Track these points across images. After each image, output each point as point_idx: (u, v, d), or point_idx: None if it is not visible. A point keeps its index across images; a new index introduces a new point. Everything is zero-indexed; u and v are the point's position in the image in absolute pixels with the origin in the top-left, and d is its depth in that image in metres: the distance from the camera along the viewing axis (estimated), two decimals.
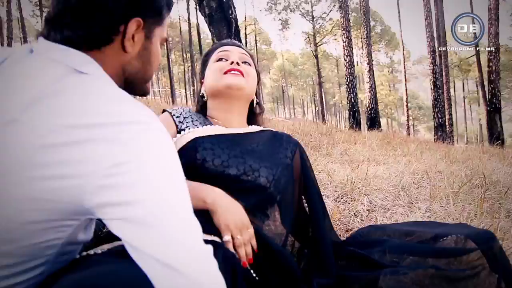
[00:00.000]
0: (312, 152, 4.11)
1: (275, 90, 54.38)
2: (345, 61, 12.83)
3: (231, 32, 5.49)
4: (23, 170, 0.59)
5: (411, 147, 5.43)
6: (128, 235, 0.60)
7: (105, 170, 0.59)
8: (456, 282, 1.07)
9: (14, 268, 0.65)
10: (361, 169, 2.96)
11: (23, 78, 0.67)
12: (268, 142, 1.27)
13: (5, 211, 0.60)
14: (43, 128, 0.60)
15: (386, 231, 1.32)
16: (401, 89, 36.07)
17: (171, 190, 0.64)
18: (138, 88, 0.85)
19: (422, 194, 2.45)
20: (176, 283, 0.58)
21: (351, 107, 12.53)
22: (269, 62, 49.89)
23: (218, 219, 0.97)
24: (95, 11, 0.72)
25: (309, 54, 37.44)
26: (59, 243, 0.68)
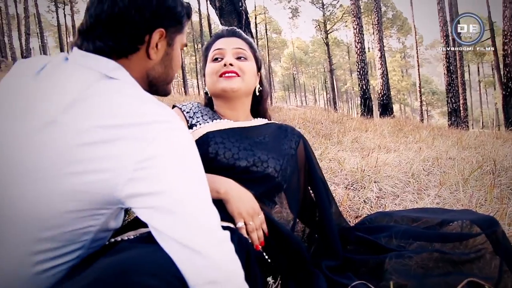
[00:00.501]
0: (323, 141, 4.14)
1: (286, 78, 54.08)
2: (356, 48, 12.72)
3: (241, 23, 5.52)
4: (63, 166, 0.67)
5: (423, 133, 5.41)
6: (155, 221, 0.68)
7: (134, 165, 0.67)
8: (460, 264, 1.12)
9: (55, 251, 0.73)
10: (372, 157, 2.99)
11: (60, 83, 0.75)
12: (274, 135, 1.32)
13: (48, 202, 0.68)
14: (79, 128, 0.68)
15: (393, 217, 1.37)
16: (414, 74, 35.58)
17: (192, 181, 0.72)
18: (160, 89, 0.94)
19: (432, 181, 2.48)
20: (198, 264, 0.66)
21: (363, 94, 12.45)
22: (280, 51, 49.56)
23: (232, 207, 1.04)
24: (123, 25, 0.81)
25: (320, 41, 37.09)
26: (93, 230, 0.76)
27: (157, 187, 0.68)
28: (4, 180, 0.69)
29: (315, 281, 1.06)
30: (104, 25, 0.81)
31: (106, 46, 0.81)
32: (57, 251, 0.74)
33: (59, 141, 0.68)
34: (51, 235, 0.71)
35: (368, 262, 1.16)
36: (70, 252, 0.76)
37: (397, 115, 43.42)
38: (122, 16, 0.81)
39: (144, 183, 0.69)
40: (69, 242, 0.74)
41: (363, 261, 1.16)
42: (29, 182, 0.68)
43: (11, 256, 0.70)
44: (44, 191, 0.68)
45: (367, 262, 1.16)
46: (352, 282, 1.04)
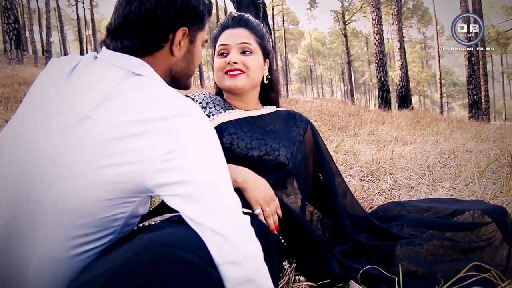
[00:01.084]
0: (339, 133, 4.17)
1: (303, 70, 53.70)
2: (375, 39, 12.55)
3: (259, 16, 5.54)
4: (96, 159, 0.74)
5: (441, 126, 5.37)
6: (183, 208, 0.75)
7: (161, 156, 0.73)
8: (470, 252, 1.17)
9: (90, 236, 0.80)
10: (387, 149, 3.01)
11: (92, 81, 0.81)
12: (283, 122, 1.37)
13: (84, 193, 0.75)
14: (110, 124, 0.74)
15: (405, 207, 1.42)
16: (434, 65, 34.78)
17: (215, 170, 0.78)
18: (182, 83, 1.00)
19: (448, 173, 2.50)
20: (221, 245, 0.72)
21: (381, 86, 12.31)
22: (297, 42, 49.17)
23: (249, 195, 1.11)
24: (149, 24, 0.86)
25: (338, 32, 36.60)
26: (124, 216, 0.83)
27: (183, 177, 0.74)
28: (44, 172, 0.76)
29: (328, 265, 1.12)
30: (132, 25, 0.86)
31: (133, 45, 0.87)
32: (92, 236, 0.80)
33: (93, 136, 0.74)
34: (86, 222, 0.78)
35: (381, 248, 1.21)
36: (103, 236, 0.82)
37: (417, 107, 42.62)
38: (149, 16, 0.86)
39: (170, 173, 0.74)
40: (102, 228, 0.81)
41: (376, 247, 1.21)
42: (66, 174, 0.75)
43: (50, 241, 0.77)
44: (80, 183, 0.74)
45: (379, 248, 1.22)
46: (364, 267, 1.10)
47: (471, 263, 1.06)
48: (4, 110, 3.78)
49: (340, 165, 2.66)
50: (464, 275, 1.00)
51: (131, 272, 0.60)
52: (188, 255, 0.63)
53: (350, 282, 1.09)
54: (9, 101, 4.34)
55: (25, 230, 0.77)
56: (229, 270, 0.72)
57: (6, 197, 0.79)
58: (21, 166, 0.78)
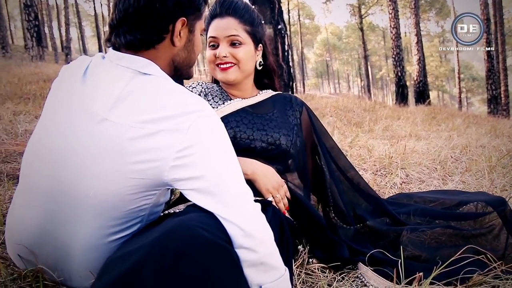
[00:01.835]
0: (354, 129, 4.24)
1: (319, 65, 53.36)
2: (391, 34, 12.46)
3: (274, 13, 5.63)
4: (118, 158, 0.81)
5: (457, 121, 5.38)
6: (198, 200, 0.83)
7: (174, 154, 0.79)
8: (471, 238, 1.27)
9: (122, 225, 0.90)
10: (400, 145, 3.09)
11: (104, 83, 0.87)
12: (280, 108, 1.41)
13: (110, 189, 0.84)
14: (125, 125, 0.80)
15: (412, 197, 1.51)
16: (453, 59, 34.13)
17: (226, 164, 0.84)
18: (184, 73, 1.03)
19: (459, 168, 2.57)
20: (236, 233, 0.81)
21: (398, 81, 12.24)
22: (313, 37, 48.83)
23: (259, 185, 1.21)
24: (148, 17, 0.89)
25: (354, 26, 36.25)
26: (148, 207, 0.92)
27: (196, 173, 0.81)
28: (74, 171, 0.85)
29: (338, 249, 1.23)
30: (132, 19, 0.89)
31: (135, 39, 0.90)
32: (123, 226, 0.91)
33: (112, 137, 0.81)
34: (116, 214, 0.88)
35: (388, 233, 1.31)
36: (132, 225, 0.93)
37: (435, 102, 41.89)
38: (147, 8, 0.88)
39: (184, 169, 0.81)
40: (130, 218, 0.91)
41: (383, 232, 1.31)
42: (94, 173, 0.84)
43: (89, 231, 0.88)
44: (106, 180, 0.83)
45: (387, 233, 1.31)
46: (371, 250, 1.21)
47: (469, 247, 1.16)
48: (33, 107, 3.97)
49: (354, 159, 2.75)
50: (459, 257, 1.10)
51: (164, 246, 0.70)
52: (212, 236, 0.73)
53: (359, 264, 1.20)
54: (36, 98, 4.55)
55: (65, 221, 0.88)
56: (243, 253, 0.81)
57: (41, 192, 0.90)
58: (53, 166, 0.87)
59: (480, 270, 1.10)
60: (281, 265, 0.88)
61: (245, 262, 0.81)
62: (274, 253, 0.87)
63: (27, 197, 0.94)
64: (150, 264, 0.68)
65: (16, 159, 2.40)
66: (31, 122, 3.34)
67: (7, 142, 2.70)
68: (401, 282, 1.06)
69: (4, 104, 3.76)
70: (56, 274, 0.96)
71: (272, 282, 0.84)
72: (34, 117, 3.53)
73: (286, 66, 5.75)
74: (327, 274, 1.20)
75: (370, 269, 1.16)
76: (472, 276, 1.08)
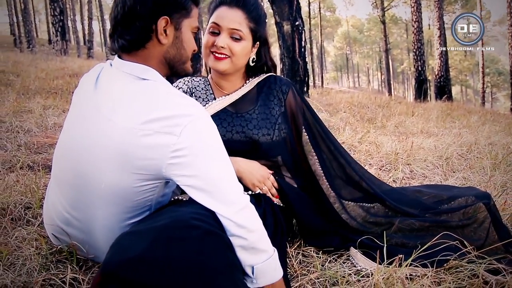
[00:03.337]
0: (366, 125, 4.32)
1: (339, 59, 52.87)
2: (413, 27, 12.30)
3: (292, 9, 5.72)
4: (123, 155, 0.93)
5: (473, 118, 5.39)
6: (194, 195, 0.95)
7: (169, 154, 0.90)
8: (457, 229, 1.39)
9: (132, 213, 1.05)
10: (408, 141, 3.18)
11: (109, 88, 1.00)
12: (264, 98, 1.42)
13: (119, 182, 0.97)
14: (127, 126, 0.91)
15: (407, 191, 1.63)
16: (478, 53, 33.20)
17: (217, 164, 0.95)
18: (179, 69, 1.10)
19: (464, 165, 2.65)
20: (228, 224, 0.95)
21: (418, 76, 12.12)
22: (333, 30, 48.34)
23: (245, 181, 1.30)
24: (134, 20, 0.98)
25: (376, 19, 35.65)
26: (153, 197, 1.06)
27: (190, 172, 0.92)
28: (90, 167, 0.99)
29: (328, 238, 1.37)
30: (121, 24, 0.99)
31: (126, 41, 0.99)
32: (134, 212, 1.05)
33: (117, 137, 0.92)
34: (127, 204, 1.02)
35: (382, 222, 1.43)
36: (142, 212, 1.08)
37: (458, 97, 40.92)
38: (131, 12, 0.97)
39: (179, 168, 0.92)
40: (139, 207, 1.05)
41: (378, 222, 1.42)
42: (106, 168, 0.97)
43: (107, 215, 1.04)
44: (116, 175, 0.96)
45: (382, 223, 1.43)
46: (361, 237, 1.34)
47: (451, 236, 1.28)
48: (60, 101, 4.21)
49: (361, 155, 2.87)
50: (437, 243, 1.23)
51: (169, 235, 0.83)
52: (207, 226, 0.87)
53: (351, 248, 1.34)
54: (63, 92, 4.81)
55: (87, 208, 1.04)
56: (236, 240, 0.95)
57: (66, 183, 1.06)
58: (73, 161, 1.03)
59: (458, 256, 1.23)
60: (269, 248, 1.02)
61: (237, 247, 0.96)
62: (262, 238, 1.01)
63: (56, 187, 1.12)
64: (158, 249, 0.80)
65: (46, 150, 2.62)
66: (59, 115, 3.58)
67: (38, 134, 2.93)
68: (385, 263, 1.20)
69: (34, 98, 4.01)
70: (86, 250, 1.14)
71: (262, 262, 0.99)
72: (62, 111, 3.77)
73: (302, 62, 5.84)
74: (320, 255, 1.35)
75: (359, 252, 1.30)
76: (448, 259, 1.21)
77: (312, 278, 1.21)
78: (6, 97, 4.02)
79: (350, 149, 3.07)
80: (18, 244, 1.33)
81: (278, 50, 6.32)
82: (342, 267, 1.28)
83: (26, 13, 15.58)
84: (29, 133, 2.93)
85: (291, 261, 1.31)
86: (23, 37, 17.64)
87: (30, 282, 1.14)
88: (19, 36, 19.15)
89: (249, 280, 0.99)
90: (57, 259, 1.26)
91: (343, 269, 1.27)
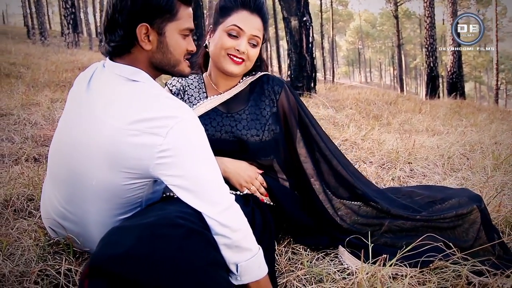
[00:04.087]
0: (371, 122, 4.30)
1: (350, 53, 52.39)
2: (425, 23, 12.13)
3: (300, 5, 5.70)
4: (112, 154, 0.96)
5: (481, 116, 5.33)
6: (180, 195, 0.98)
7: (156, 154, 0.93)
8: (446, 230, 1.40)
9: (123, 209, 1.09)
10: (411, 139, 3.17)
11: (101, 88, 1.03)
12: (256, 98, 1.42)
13: (109, 180, 1.00)
14: (116, 126, 0.94)
15: (401, 191, 1.64)
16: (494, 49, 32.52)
17: (202, 165, 0.97)
18: (171, 72, 1.11)
19: (465, 164, 2.64)
20: (212, 224, 0.97)
21: (430, 72, 11.97)
22: (345, 24, 47.91)
23: (233, 182, 1.33)
24: (115, 27, 1.01)
25: (389, 13, 35.21)
26: (143, 195, 1.10)
27: (176, 172, 0.95)
28: (82, 164, 1.02)
29: (316, 239, 1.40)
30: (107, 31, 1.02)
31: (111, 47, 1.02)
32: (125, 209, 1.09)
33: (107, 136, 0.95)
34: (118, 200, 1.06)
35: (373, 223, 1.45)
36: (133, 208, 1.11)
37: (472, 94, 40.29)
38: (112, 20, 1.00)
39: (166, 168, 0.95)
40: (130, 203, 1.09)
41: (368, 223, 1.44)
42: (97, 165, 1.00)
43: (100, 210, 1.07)
44: (106, 172, 0.99)
45: (372, 224, 1.45)
46: (349, 236, 1.36)
47: (438, 238, 1.30)
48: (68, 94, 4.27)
49: (363, 152, 2.87)
50: (421, 243, 1.25)
51: (154, 232, 0.86)
52: (191, 224, 0.91)
53: (339, 246, 1.37)
54: (71, 86, 4.86)
55: (81, 202, 1.08)
56: (220, 238, 0.98)
57: (61, 178, 1.10)
58: (67, 157, 1.07)
59: (443, 257, 1.24)
60: (254, 246, 1.04)
61: (222, 246, 0.99)
62: (247, 237, 1.03)
63: (51, 181, 1.16)
64: (143, 246, 0.84)
65: None
66: None
67: (45, 127, 2.99)
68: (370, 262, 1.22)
69: (43, 91, 4.08)
70: (80, 242, 1.18)
71: (247, 260, 1.01)
72: None
73: (310, 57, 5.83)
74: (308, 252, 1.37)
75: (347, 250, 1.32)
76: (433, 260, 1.23)
77: (300, 275, 1.23)
78: (16, 90, 4.10)
79: (352, 146, 3.08)
80: (18, 235, 1.38)
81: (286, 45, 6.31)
82: (330, 265, 1.31)
83: (39, 5, 15.71)
84: (36, 126, 2.99)
85: (280, 257, 1.34)
86: (36, 28, 17.81)
87: (27, 272, 1.19)
88: (32, 27, 19.34)
89: (234, 277, 1.02)
90: (55, 251, 1.31)
91: (330, 267, 1.29)
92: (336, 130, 3.65)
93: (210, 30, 1.38)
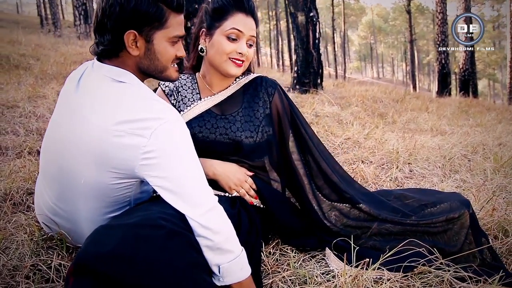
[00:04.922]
0: (376, 120, 4.28)
1: (362, 48, 51.90)
2: (437, 19, 11.95)
3: (306, 0, 5.66)
4: (99, 154, 0.98)
5: (489, 116, 5.27)
6: (164, 196, 1.00)
7: (140, 155, 0.95)
8: (435, 234, 1.40)
9: (112, 207, 1.12)
10: (412, 139, 3.15)
11: (89, 88, 1.05)
12: (250, 99, 1.43)
13: (96, 179, 1.02)
14: (102, 126, 0.96)
15: (392, 193, 1.64)
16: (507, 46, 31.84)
17: (186, 167, 0.98)
18: (159, 77, 1.13)
19: (466, 166, 2.62)
20: (194, 225, 0.99)
21: (441, 69, 11.81)
22: (358, 18, 47.42)
23: (222, 184, 1.35)
24: (104, 31, 1.02)
25: (402, 8, 34.72)
26: (131, 194, 1.12)
27: (159, 173, 0.96)
28: (70, 163, 1.05)
29: (305, 241, 1.41)
30: (97, 33, 1.04)
31: (100, 50, 1.05)
32: (114, 207, 1.12)
33: (94, 136, 0.98)
34: (107, 199, 1.09)
35: (361, 226, 1.46)
36: (122, 207, 1.14)
37: (485, 91, 39.63)
38: (101, 24, 1.02)
39: (150, 169, 0.96)
40: (118, 202, 1.12)
41: (357, 226, 1.45)
42: (85, 164, 1.02)
43: (90, 208, 1.10)
44: (93, 171, 1.02)
45: (361, 226, 1.46)
46: (336, 239, 1.38)
47: (425, 242, 1.31)
48: None
49: (364, 151, 2.86)
50: (406, 247, 1.26)
51: (137, 233, 0.89)
52: (173, 226, 0.93)
53: (326, 248, 1.38)
54: None
55: (71, 199, 1.11)
56: (202, 240, 1.00)
57: (51, 175, 1.13)
58: (56, 155, 1.09)
59: (427, 262, 1.25)
60: (236, 248, 1.05)
61: (204, 247, 1.00)
62: (229, 239, 1.04)
63: (43, 178, 1.19)
64: (127, 246, 0.87)
65: None
66: None
67: None
68: (353, 266, 1.24)
69: (50, 84, 4.13)
70: (72, 238, 1.21)
71: (229, 262, 1.03)
72: None
73: (316, 53, 5.80)
74: (295, 254, 1.39)
75: (333, 253, 1.34)
76: (416, 266, 1.23)
77: (285, 276, 1.25)
78: (24, 81, 4.15)
79: (354, 145, 3.07)
80: (14, 229, 1.42)
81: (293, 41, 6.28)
82: (316, 266, 1.33)
83: None
84: (41, 119, 3.04)
85: (268, 258, 1.36)
86: (49, 18, 17.91)
87: (20, 266, 1.22)
88: (46, 17, 19.46)
89: (217, 279, 1.04)
90: (48, 246, 1.34)
91: (316, 269, 1.31)
92: (340, 128, 3.64)
93: (204, 34, 1.37)
